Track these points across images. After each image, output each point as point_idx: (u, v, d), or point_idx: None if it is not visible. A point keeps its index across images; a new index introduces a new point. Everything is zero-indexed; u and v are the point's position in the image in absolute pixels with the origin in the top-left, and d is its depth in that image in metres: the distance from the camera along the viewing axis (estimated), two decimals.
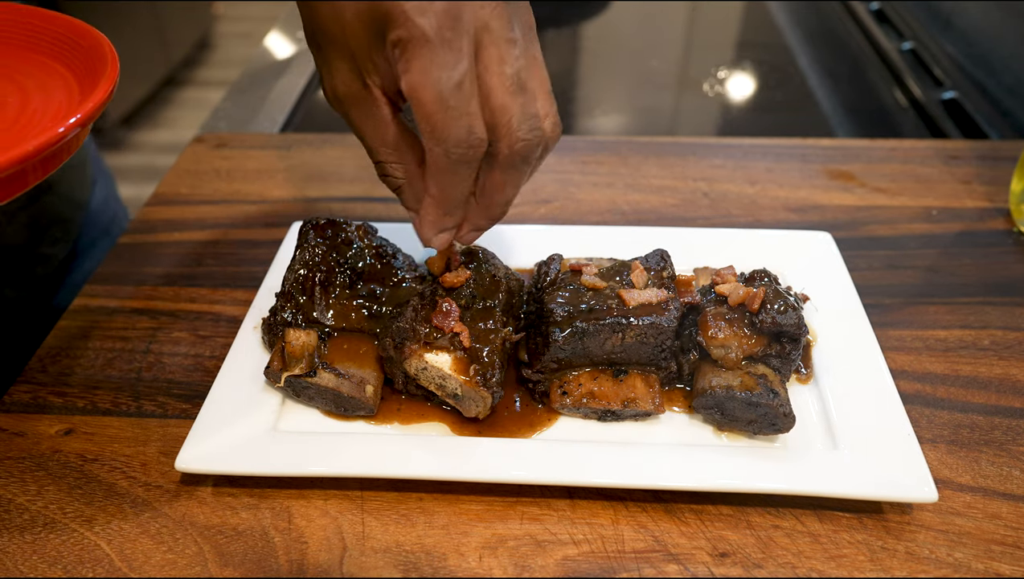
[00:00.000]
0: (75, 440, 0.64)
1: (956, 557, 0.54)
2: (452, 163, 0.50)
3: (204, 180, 0.97)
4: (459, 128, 0.49)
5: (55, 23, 0.62)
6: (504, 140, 0.51)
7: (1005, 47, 1.16)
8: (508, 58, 0.50)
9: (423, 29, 0.46)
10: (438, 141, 0.49)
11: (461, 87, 0.48)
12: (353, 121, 0.55)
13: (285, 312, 0.65)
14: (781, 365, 0.62)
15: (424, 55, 0.47)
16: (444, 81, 0.47)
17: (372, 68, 0.51)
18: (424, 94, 0.47)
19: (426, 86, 0.47)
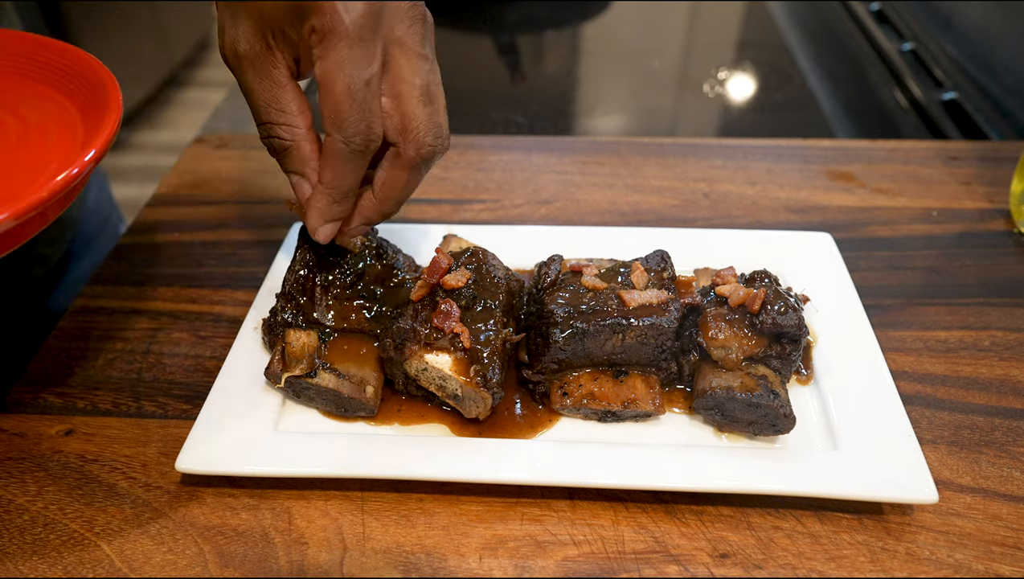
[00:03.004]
0: (75, 441, 0.64)
1: (957, 558, 0.54)
2: (349, 152, 0.54)
3: (205, 181, 0.97)
4: (360, 122, 0.53)
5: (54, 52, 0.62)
6: (412, 143, 0.56)
7: (1005, 48, 1.16)
8: (420, 71, 0.55)
9: (345, 24, 0.50)
10: (339, 129, 0.53)
11: (369, 85, 0.52)
12: (247, 80, 0.57)
13: (285, 313, 0.65)
14: (781, 366, 0.62)
15: (341, 48, 0.50)
16: (355, 77, 0.51)
17: (280, 35, 0.54)
18: (335, 84, 0.51)
19: (337, 78, 0.51)
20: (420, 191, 0.94)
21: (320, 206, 0.59)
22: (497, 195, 0.93)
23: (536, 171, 0.97)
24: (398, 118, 0.55)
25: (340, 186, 0.57)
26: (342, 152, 0.54)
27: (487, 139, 1.05)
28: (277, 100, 0.56)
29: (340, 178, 0.57)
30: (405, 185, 0.59)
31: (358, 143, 0.54)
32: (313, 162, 0.59)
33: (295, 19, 0.52)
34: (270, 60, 0.55)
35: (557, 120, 1.25)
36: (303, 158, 0.58)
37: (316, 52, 0.51)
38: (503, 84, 1.38)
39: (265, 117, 0.57)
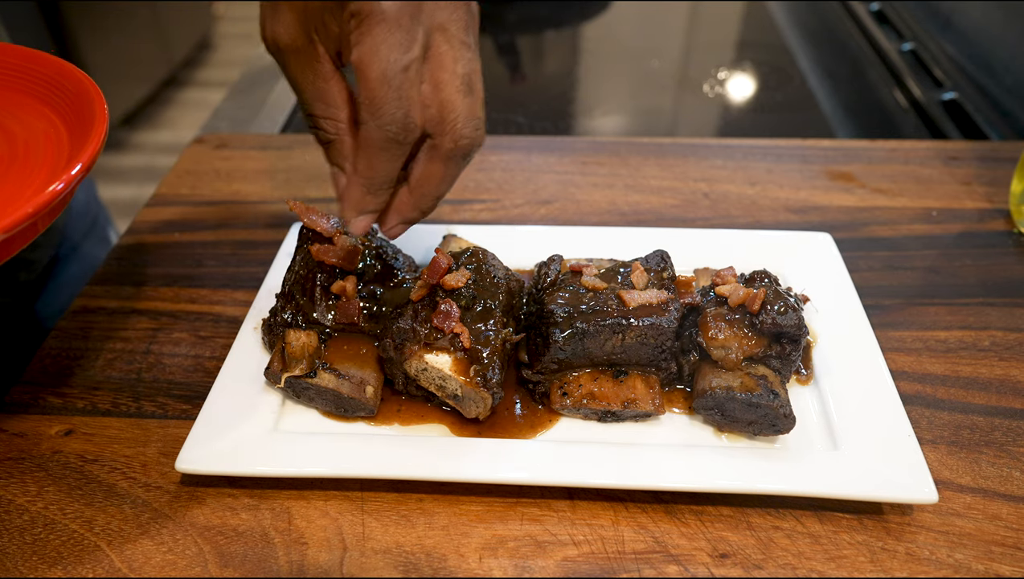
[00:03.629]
0: (75, 441, 0.64)
1: (956, 558, 0.54)
2: (384, 140, 0.52)
3: (204, 181, 0.97)
4: (397, 109, 0.51)
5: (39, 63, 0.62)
6: (449, 134, 0.54)
7: (1005, 48, 1.16)
8: (461, 60, 0.53)
9: (383, 8, 0.49)
10: (375, 116, 0.51)
11: (407, 72, 0.50)
12: (291, 72, 0.56)
13: (285, 313, 0.65)
14: (781, 366, 0.62)
15: (379, 33, 0.49)
16: (393, 62, 0.49)
17: (321, 26, 0.52)
18: (371, 70, 0.49)
19: (374, 62, 0.49)
20: None
21: (354, 197, 0.57)
22: (497, 195, 0.93)
23: (536, 171, 0.97)
24: (436, 108, 0.53)
25: (374, 177, 0.55)
26: (377, 140, 0.52)
27: (487, 139, 1.05)
28: (322, 93, 0.55)
29: (374, 168, 0.55)
30: (442, 179, 0.57)
31: (394, 131, 0.51)
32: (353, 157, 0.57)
33: (335, 7, 0.51)
34: (313, 53, 0.54)
35: (557, 120, 1.25)
36: (345, 152, 0.57)
37: (353, 37, 0.50)
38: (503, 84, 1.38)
39: (310, 109, 0.56)
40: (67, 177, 0.49)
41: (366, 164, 0.55)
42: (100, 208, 1.07)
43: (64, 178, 0.49)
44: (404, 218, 0.60)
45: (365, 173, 0.55)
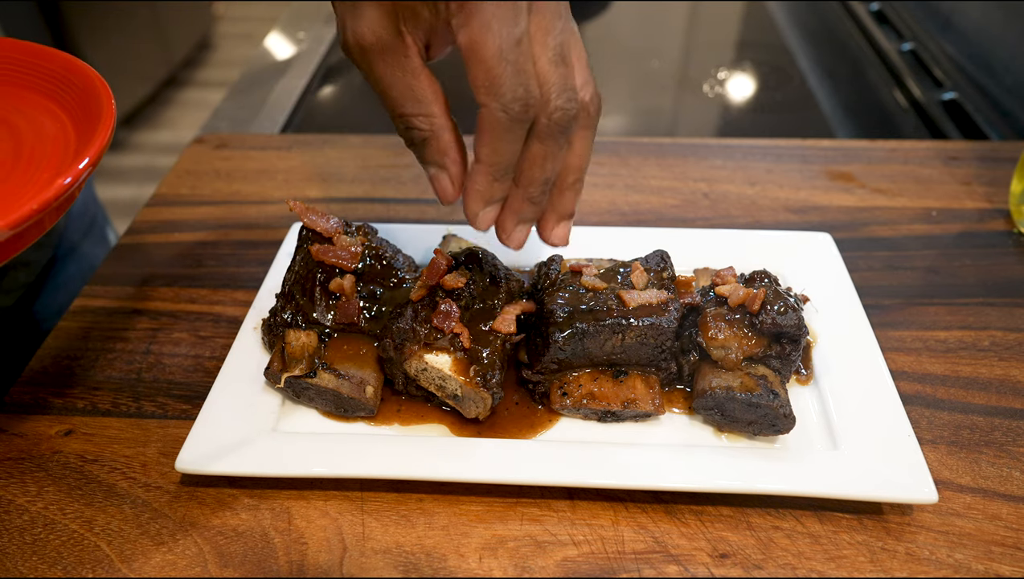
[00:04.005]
0: (75, 441, 0.64)
1: (956, 558, 0.54)
2: (508, 120, 0.50)
3: (204, 181, 0.97)
4: (518, 86, 0.49)
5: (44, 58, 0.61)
6: (543, 109, 0.51)
7: (1005, 48, 1.16)
8: (552, 30, 0.50)
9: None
10: (496, 96, 0.49)
11: (520, 45, 0.48)
12: (377, 72, 0.53)
13: (285, 313, 0.65)
14: (781, 366, 0.62)
15: (487, 9, 0.47)
16: (506, 36, 0.47)
17: (411, 16, 0.50)
18: (485, 48, 0.47)
19: (487, 40, 0.47)
20: (420, 191, 0.94)
21: (480, 187, 0.54)
22: None
23: None
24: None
25: (500, 161, 0.52)
26: (501, 121, 0.50)
27: None
28: (412, 89, 0.53)
29: (499, 152, 0.52)
30: (544, 160, 0.53)
31: (517, 109, 0.49)
32: (452, 152, 0.55)
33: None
34: (401, 48, 0.52)
35: None
36: (442, 148, 0.55)
37: (457, 21, 0.48)
38: None
39: (401, 109, 0.54)
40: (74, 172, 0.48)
41: (490, 149, 0.52)
42: (98, 208, 1.07)
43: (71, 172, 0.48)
44: (520, 216, 0.57)
45: (490, 159, 0.52)
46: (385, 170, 0.98)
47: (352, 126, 1.22)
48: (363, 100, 1.33)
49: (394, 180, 0.96)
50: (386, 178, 0.97)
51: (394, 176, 0.97)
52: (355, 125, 1.23)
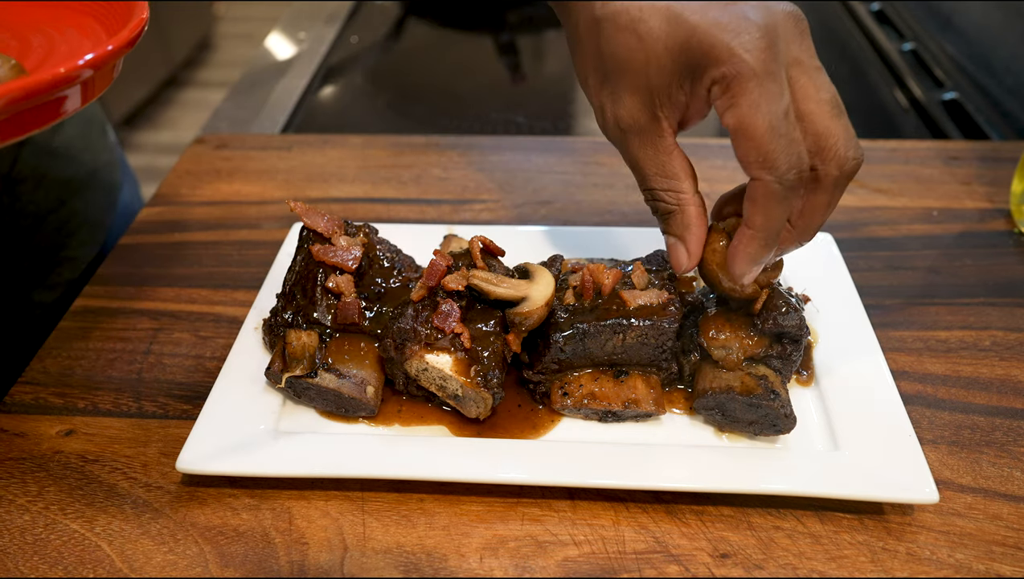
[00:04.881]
0: (76, 441, 0.64)
1: (957, 558, 0.54)
2: (784, 191, 0.51)
3: (205, 181, 0.97)
4: (792, 155, 0.50)
5: None
6: (833, 162, 0.52)
7: (1006, 48, 1.16)
8: (822, 85, 0.52)
9: (751, 65, 0.48)
10: (771, 170, 0.50)
11: (788, 116, 0.50)
12: (632, 150, 0.56)
13: (286, 313, 0.65)
14: (782, 366, 0.61)
15: (753, 89, 0.49)
16: (775, 112, 0.49)
17: (667, 101, 0.53)
18: (756, 127, 0.49)
19: (757, 119, 0.49)
20: (420, 191, 0.94)
21: (752, 252, 0.55)
22: (497, 195, 0.93)
23: (536, 171, 0.97)
24: (811, 140, 0.52)
25: (772, 228, 0.54)
26: (777, 193, 0.51)
27: (487, 139, 1.05)
28: (664, 167, 0.56)
29: (772, 219, 0.53)
30: (827, 208, 0.55)
31: (792, 178, 0.51)
32: (694, 228, 0.57)
33: (685, 80, 0.51)
34: (656, 130, 0.54)
35: (557, 120, 1.25)
36: (686, 222, 0.57)
37: (722, 103, 0.50)
38: (503, 84, 1.38)
39: (652, 184, 0.57)
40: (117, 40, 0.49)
41: (764, 219, 0.53)
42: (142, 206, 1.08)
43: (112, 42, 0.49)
44: (783, 251, 0.59)
45: (764, 227, 0.53)
46: (385, 170, 0.98)
47: (352, 126, 1.22)
48: (363, 100, 1.34)
49: (394, 180, 0.96)
50: (386, 178, 0.97)
51: (394, 176, 0.97)
52: (355, 125, 1.23)
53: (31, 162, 0.83)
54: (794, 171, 0.50)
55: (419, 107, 1.31)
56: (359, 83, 1.37)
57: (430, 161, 1.00)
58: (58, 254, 0.87)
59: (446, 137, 1.05)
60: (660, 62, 0.52)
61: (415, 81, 1.38)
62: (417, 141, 1.04)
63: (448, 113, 1.27)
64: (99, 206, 0.93)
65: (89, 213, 0.91)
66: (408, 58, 1.47)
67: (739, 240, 0.55)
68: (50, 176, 0.86)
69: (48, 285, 0.87)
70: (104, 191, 0.94)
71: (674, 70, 0.51)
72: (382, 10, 1.58)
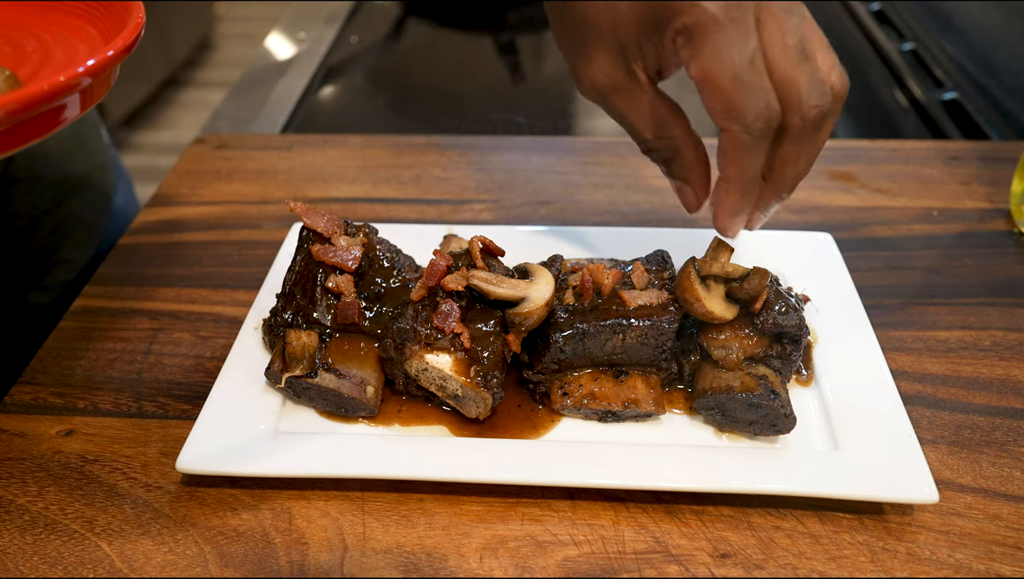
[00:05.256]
0: (76, 441, 0.64)
1: (957, 558, 0.54)
2: (752, 140, 0.51)
3: (205, 181, 0.97)
4: (757, 103, 0.49)
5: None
6: (795, 111, 0.51)
7: (1006, 48, 1.16)
8: (788, 29, 0.50)
9: (712, 12, 0.48)
10: (736, 119, 0.50)
11: (754, 63, 0.49)
12: (616, 108, 0.56)
13: (286, 313, 0.65)
14: (782, 366, 0.61)
15: (715, 38, 0.48)
16: (738, 60, 0.48)
17: (639, 55, 0.53)
18: (719, 75, 0.48)
19: (720, 67, 0.48)
20: (420, 191, 0.94)
21: (729, 204, 0.55)
22: (497, 195, 0.93)
23: (536, 171, 0.97)
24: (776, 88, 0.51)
25: (746, 177, 0.54)
26: (745, 142, 0.51)
27: (487, 139, 1.05)
28: (651, 117, 0.56)
29: (745, 169, 0.53)
30: (797, 159, 0.54)
31: (760, 127, 0.50)
32: (698, 168, 0.57)
33: (652, 32, 0.51)
34: (635, 84, 0.54)
35: (557, 120, 1.25)
36: (687, 165, 0.57)
37: (686, 53, 0.49)
38: (503, 84, 1.38)
39: (643, 136, 0.57)
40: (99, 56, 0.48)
41: (736, 169, 0.53)
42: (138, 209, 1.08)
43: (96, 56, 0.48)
44: (765, 207, 0.58)
45: (737, 177, 0.54)
46: (385, 170, 0.98)
47: (352, 126, 1.22)
48: (363, 100, 1.34)
49: (394, 180, 0.96)
50: (386, 178, 0.97)
51: (394, 176, 0.97)
52: (355, 125, 1.23)
53: (25, 164, 0.83)
54: (761, 120, 0.50)
55: (419, 107, 1.31)
56: (359, 83, 1.37)
57: (430, 161, 1.00)
58: (53, 256, 0.87)
59: (446, 137, 1.05)
60: (626, 20, 0.51)
61: (415, 81, 1.38)
62: (417, 141, 1.04)
63: (448, 113, 1.27)
64: (94, 207, 0.93)
65: (84, 214, 0.91)
66: (408, 58, 1.47)
67: (717, 195, 0.55)
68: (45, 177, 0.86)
69: (43, 287, 0.87)
70: (99, 192, 0.94)
71: (640, 25, 0.51)
72: (382, 10, 1.58)
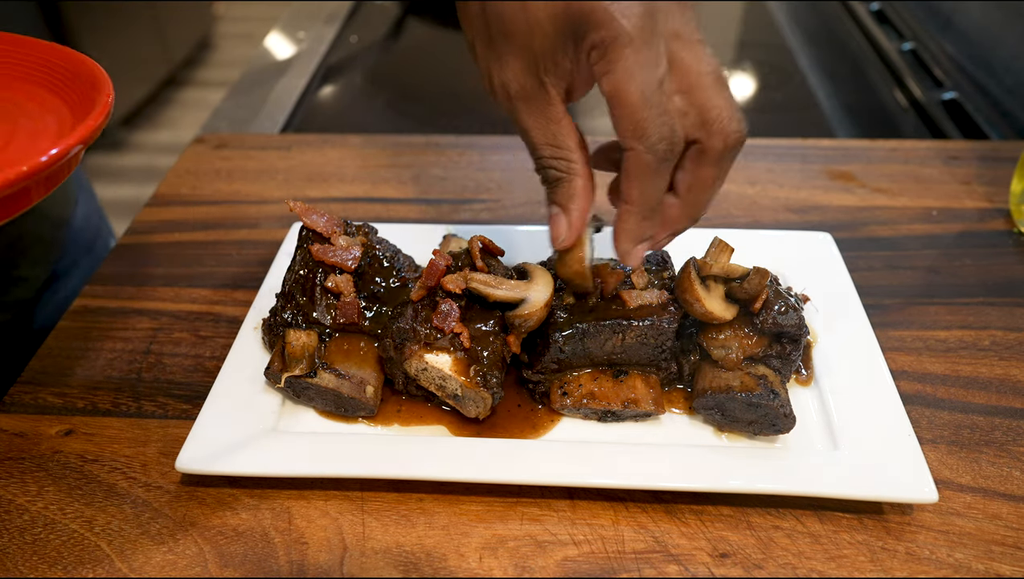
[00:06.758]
0: (75, 441, 0.64)
1: (956, 558, 0.54)
2: (656, 161, 0.51)
3: (204, 181, 0.97)
4: (663, 126, 0.50)
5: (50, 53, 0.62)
6: (718, 135, 0.52)
7: (1005, 48, 1.16)
8: (704, 58, 0.51)
9: (627, 30, 0.48)
10: (642, 139, 0.50)
11: (662, 86, 0.49)
12: (521, 117, 0.55)
13: (285, 313, 0.65)
14: (781, 366, 0.62)
15: (628, 56, 0.48)
16: (648, 80, 0.49)
17: (552, 67, 0.52)
18: (629, 94, 0.49)
19: (631, 86, 0.49)
20: (420, 191, 0.94)
21: (630, 227, 0.55)
22: (497, 195, 0.93)
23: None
24: (694, 113, 0.52)
25: (648, 201, 0.54)
26: (648, 163, 0.51)
27: (487, 139, 1.05)
28: (554, 136, 0.55)
29: (647, 193, 0.53)
30: (714, 182, 0.55)
31: (663, 149, 0.50)
32: (579, 199, 0.57)
33: (568, 44, 0.51)
34: (544, 97, 0.54)
35: None
36: (572, 193, 0.57)
37: (599, 68, 0.50)
38: None
39: (540, 152, 0.56)
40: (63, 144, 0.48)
41: (638, 191, 0.53)
42: (102, 221, 1.05)
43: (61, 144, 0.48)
44: (674, 230, 0.58)
45: (638, 201, 0.54)
46: (385, 170, 0.98)
47: (352, 126, 1.22)
48: (363, 100, 1.34)
49: (394, 180, 0.96)
50: (386, 178, 0.97)
51: (394, 176, 0.97)
52: (355, 125, 1.23)
53: None
54: (665, 142, 0.50)
55: (419, 107, 1.31)
56: (359, 83, 1.37)
57: (430, 161, 1.00)
58: (10, 273, 0.84)
59: (446, 137, 1.05)
60: (543, 28, 0.51)
61: (415, 81, 1.38)
62: (417, 141, 1.04)
63: (448, 113, 1.27)
64: (51, 223, 0.89)
65: (40, 230, 0.87)
66: (408, 58, 1.47)
67: (618, 217, 0.55)
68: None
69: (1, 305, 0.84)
70: (56, 209, 0.90)
71: (556, 35, 0.50)
72: (382, 10, 1.58)
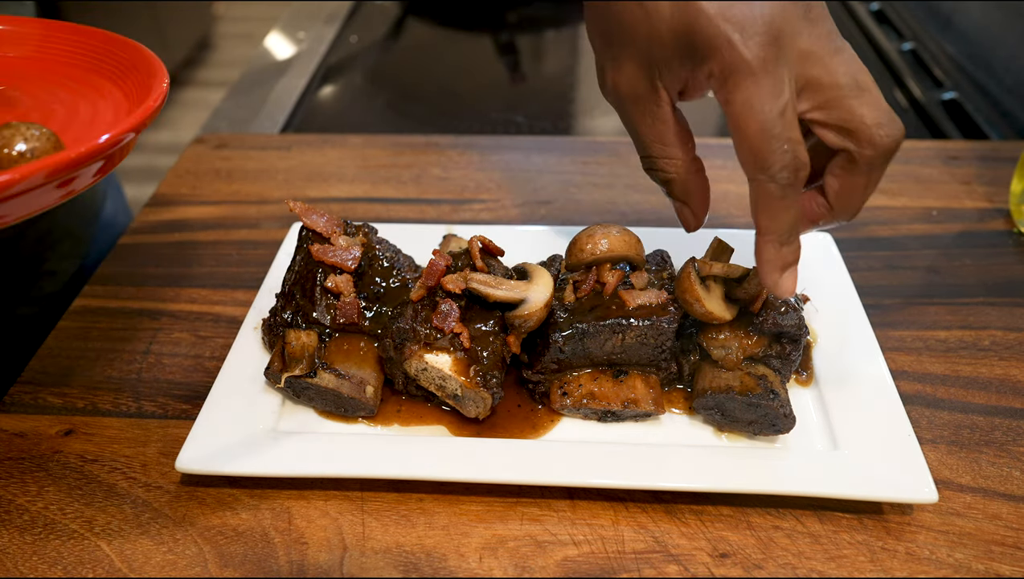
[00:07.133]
0: (75, 441, 0.64)
1: (956, 558, 0.54)
2: (780, 190, 0.50)
3: (204, 181, 0.97)
4: (784, 155, 0.49)
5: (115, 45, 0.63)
6: (866, 143, 0.51)
7: (1005, 47, 1.16)
8: (839, 70, 0.50)
9: (748, 60, 0.47)
10: (764, 170, 0.50)
11: (784, 115, 0.49)
12: (630, 116, 0.56)
13: (285, 313, 0.65)
14: (781, 366, 0.62)
15: (748, 87, 0.48)
16: (768, 111, 0.48)
17: (667, 73, 0.52)
18: (749, 126, 0.48)
19: (750, 118, 0.48)
20: (420, 191, 0.94)
21: (770, 257, 0.53)
22: (497, 195, 0.93)
23: (536, 171, 0.97)
24: (835, 128, 0.51)
25: (781, 228, 0.52)
26: (772, 192, 0.50)
27: (487, 139, 1.05)
28: (661, 136, 0.55)
29: (778, 219, 0.52)
30: (866, 188, 0.53)
31: (786, 177, 0.49)
32: (695, 193, 0.58)
33: (686, 61, 0.50)
34: (654, 99, 0.54)
35: (557, 120, 1.25)
36: (687, 190, 0.58)
37: (719, 95, 0.49)
38: (503, 84, 1.38)
39: (648, 151, 0.57)
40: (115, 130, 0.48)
41: (768, 219, 0.52)
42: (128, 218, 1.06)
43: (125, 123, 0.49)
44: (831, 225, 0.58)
45: (771, 229, 0.52)
46: (385, 170, 0.98)
47: (352, 126, 1.22)
48: (363, 100, 1.34)
49: (394, 180, 0.96)
50: (386, 178, 0.97)
51: (394, 176, 0.97)
52: (355, 125, 1.23)
53: None
54: (787, 171, 0.49)
55: (419, 107, 1.31)
56: (359, 83, 1.37)
57: (430, 161, 1.00)
58: (39, 268, 0.86)
59: (446, 137, 1.05)
60: (663, 40, 0.51)
61: (415, 81, 1.38)
62: (417, 141, 1.04)
63: (448, 113, 1.27)
64: (80, 218, 0.91)
65: (70, 225, 0.89)
66: (408, 58, 1.47)
67: (756, 249, 0.54)
68: None
69: (29, 298, 0.85)
70: (86, 203, 0.92)
71: (676, 49, 0.51)
72: (382, 10, 1.58)
